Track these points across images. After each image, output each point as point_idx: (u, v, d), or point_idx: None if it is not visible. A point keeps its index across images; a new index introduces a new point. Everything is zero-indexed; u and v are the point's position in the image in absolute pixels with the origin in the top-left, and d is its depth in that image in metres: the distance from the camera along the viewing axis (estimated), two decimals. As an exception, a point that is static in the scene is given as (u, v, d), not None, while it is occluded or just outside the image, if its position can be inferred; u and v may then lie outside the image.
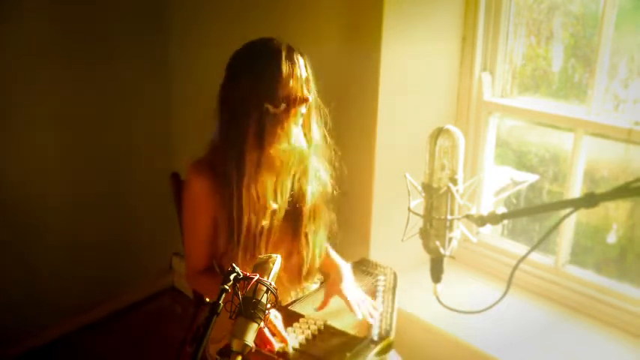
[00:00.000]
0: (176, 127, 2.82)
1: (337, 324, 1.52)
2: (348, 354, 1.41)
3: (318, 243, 1.59)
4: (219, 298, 1.00)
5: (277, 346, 1.35)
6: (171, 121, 2.81)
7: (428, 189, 1.13)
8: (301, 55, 1.44)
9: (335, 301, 1.59)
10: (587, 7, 1.85)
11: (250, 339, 0.98)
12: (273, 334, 1.35)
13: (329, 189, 1.58)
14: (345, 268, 1.64)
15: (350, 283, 1.60)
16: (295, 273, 1.60)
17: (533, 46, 1.99)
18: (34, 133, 2.39)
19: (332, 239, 1.66)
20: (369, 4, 1.83)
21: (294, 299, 1.65)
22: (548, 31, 1.95)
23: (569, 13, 1.90)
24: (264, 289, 1.02)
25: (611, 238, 1.91)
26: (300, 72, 1.41)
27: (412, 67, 1.95)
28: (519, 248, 2.10)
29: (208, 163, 1.47)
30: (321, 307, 1.58)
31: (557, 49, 1.95)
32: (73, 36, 2.40)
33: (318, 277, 1.73)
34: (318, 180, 1.55)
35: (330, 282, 1.61)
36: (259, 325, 1.00)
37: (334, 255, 1.68)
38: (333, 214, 1.63)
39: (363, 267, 1.78)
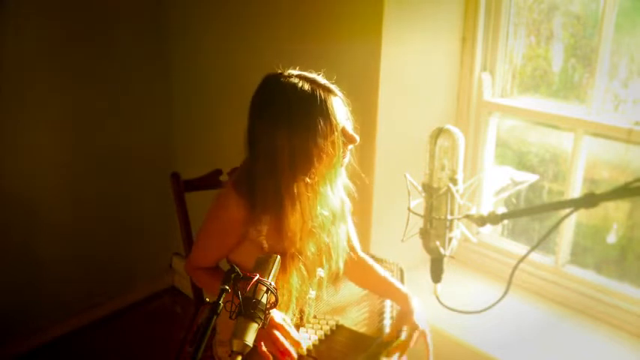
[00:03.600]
0: (177, 127, 2.82)
1: (347, 322, 1.52)
2: (363, 355, 1.40)
3: (340, 245, 1.53)
4: (219, 298, 1.00)
5: (294, 352, 1.32)
6: (172, 121, 2.81)
7: (428, 189, 1.14)
8: (336, 93, 1.35)
9: (341, 299, 1.58)
10: (587, 7, 1.85)
11: (250, 339, 0.98)
12: (286, 338, 1.33)
13: (350, 193, 1.53)
14: (414, 299, 1.56)
15: (422, 317, 1.52)
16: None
17: (533, 46, 1.99)
18: (35, 133, 2.39)
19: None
20: (369, 4, 1.83)
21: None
22: (548, 31, 1.95)
23: (569, 13, 1.90)
24: (264, 289, 1.02)
25: (611, 238, 1.91)
26: (341, 116, 1.33)
27: (412, 67, 1.95)
28: (519, 248, 2.10)
29: (248, 191, 1.37)
30: (389, 337, 1.52)
31: (557, 49, 1.95)
32: (74, 37, 2.40)
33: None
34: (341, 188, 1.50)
35: (402, 312, 1.53)
36: (259, 325, 1.00)
37: (397, 283, 1.60)
38: (354, 216, 1.58)
39: None
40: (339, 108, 1.34)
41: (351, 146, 1.38)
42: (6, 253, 2.40)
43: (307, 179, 1.32)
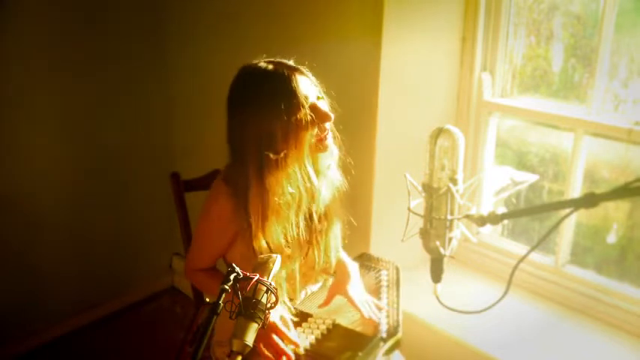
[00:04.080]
0: (176, 127, 2.82)
1: (343, 321, 1.53)
2: (360, 353, 1.41)
3: (330, 242, 1.55)
4: (219, 298, 1.00)
5: (291, 353, 1.33)
6: (172, 121, 2.81)
7: (428, 189, 1.14)
8: (304, 72, 1.37)
9: (338, 298, 1.58)
10: (587, 7, 1.85)
11: (250, 339, 0.98)
12: (282, 339, 1.33)
13: (341, 188, 1.54)
14: (352, 267, 1.61)
15: (356, 284, 1.58)
16: (309, 271, 1.58)
17: (533, 46, 1.99)
18: (35, 134, 2.39)
19: (343, 239, 1.64)
20: (369, 4, 1.83)
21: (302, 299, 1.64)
22: (548, 31, 1.95)
23: (569, 13, 1.90)
24: (264, 289, 1.02)
25: (611, 238, 1.91)
26: (309, 93, 1.34)
27: (412, 67, 1.95)
28: (519, 248, 2.10)
29: (233, 181, 1.40)
30: (323, 305, 1.57)
31: (557, 49, 1.95)
32: (74, 37, 2.40)
33: (321, 276, 1.71)
34: (330, 183, 1.50)
35: (336, 281, 1.59)
36: (259, 325, 1.00)
37: (341, 254, 1.65)
38: (347, 213, 1.59)
39: (365, 262, 1.77)
40: (306, 85, 1.34)
41: (328, 124, 1.38)
42: (6, 253, 2.40)
43: (271, 155, 1.32)
